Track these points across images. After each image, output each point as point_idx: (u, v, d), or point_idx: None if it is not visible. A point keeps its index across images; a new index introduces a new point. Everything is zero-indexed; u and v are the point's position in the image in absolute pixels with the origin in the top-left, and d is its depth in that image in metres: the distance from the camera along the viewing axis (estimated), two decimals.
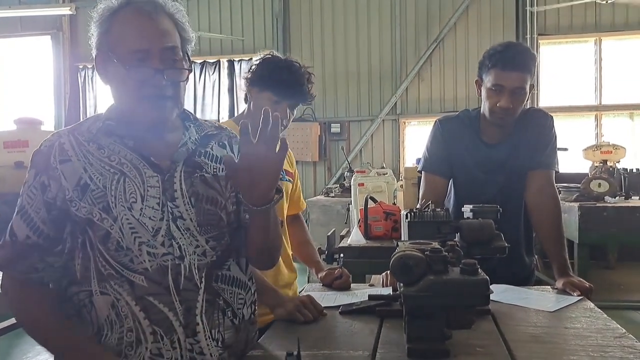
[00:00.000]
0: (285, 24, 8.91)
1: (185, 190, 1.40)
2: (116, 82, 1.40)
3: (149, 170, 1.38)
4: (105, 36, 1.38)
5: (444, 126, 2.46)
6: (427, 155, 2.48)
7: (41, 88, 9.80)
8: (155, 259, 1.34)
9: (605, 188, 5.28)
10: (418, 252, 1.36)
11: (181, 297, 1.35)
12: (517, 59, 2.20)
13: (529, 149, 2.34)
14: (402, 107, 8.72)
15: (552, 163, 2.38)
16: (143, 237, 1.34)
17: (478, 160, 2.39)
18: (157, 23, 1.36)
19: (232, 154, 1.54)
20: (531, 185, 2.35)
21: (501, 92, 2.22)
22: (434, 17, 8.60)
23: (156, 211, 1.36)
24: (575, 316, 1.77)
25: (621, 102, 8.36)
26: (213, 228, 1.43)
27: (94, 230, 1.33)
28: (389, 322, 1.74)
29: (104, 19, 1.38)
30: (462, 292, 1.32)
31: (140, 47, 1.34)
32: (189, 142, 1.46)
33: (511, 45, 2.28)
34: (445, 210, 1.82)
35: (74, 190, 1.34)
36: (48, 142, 1.40)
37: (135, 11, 1.36)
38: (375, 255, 3.27)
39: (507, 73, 2.20)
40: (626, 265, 6.93)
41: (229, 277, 1.46)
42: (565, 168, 6.72)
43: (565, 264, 2.20)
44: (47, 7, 9.13)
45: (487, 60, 2.26)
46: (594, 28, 8.25)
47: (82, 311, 1.36)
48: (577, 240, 5.01)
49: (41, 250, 1.36)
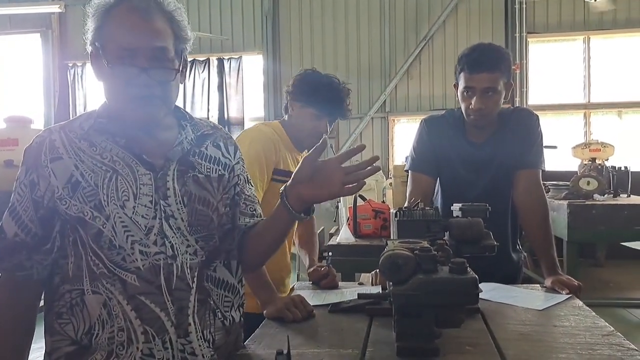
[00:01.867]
0: (275, 22, 8.89)
1: (177, 189, 1.39)
2: (106, 80, 1.38)
3: (141, 168, 1.37)
4: (98, 32, 1.36)
5: (430, 125, 2.47)
6: (414, 154, 2.49)
7: (30, 86, 9.73)
8: (148, 257, 1.33)
9: (594, 186, 5.30)
10: (407, 251, 1.36)
11: (173, 296, 1.34)
12: (484, 60, 2.21)
13: (514, 148, 2.34)
14: (391, 104, 8.73)
15: (538, 162, 2.38)
16: (136, 235, 1.33)
17: (464, 159, 2.40)
18: (148, 22, 1.34)
19: (229, 155, 1.54)
20: (518, 185, 2.35)
21: (472, 94, 2.24)
22: (423, 14, 8.61)
23: (149, 209, 1.35)
24: (564, 314, 1.78)
25: (610, 100, 8.41)
26: (203, 229, 1.42)
27: (86, 229, 1.32)
28: (378, 320, 1.74)
29: (99, 15, 1.36)
30: (451, 291, 1.31)
31: (128, 46, 1.32)
32: (184, 142, 1.44)
33: (479, 46, 2.27)
34: (434, 209, 1.82)
35: (64, 188, 1.33)
36: (39, 138, 1.39)
37: (129, 9, 1.34)
38: (364, 254, 3.28)
39: (475, 75, 2.21)
40: (615, 263, 6.98)
41: (216, 279, 1.45)
42: (554, 166, 6.83)
43: (554, 263, 2.21)
44: (36, 4, 9.05)
45: (458, 63, 2.29)
46: (583, 26, 8.29)
47: (74, 309, 1.35)
48: (566, 238, 5.04)
49: (29, 249, 1.36)
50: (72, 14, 9.29)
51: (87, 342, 1.34)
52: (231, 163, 1.54)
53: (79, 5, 9.24)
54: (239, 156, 1.59)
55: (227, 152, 1.55)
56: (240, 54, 9.04)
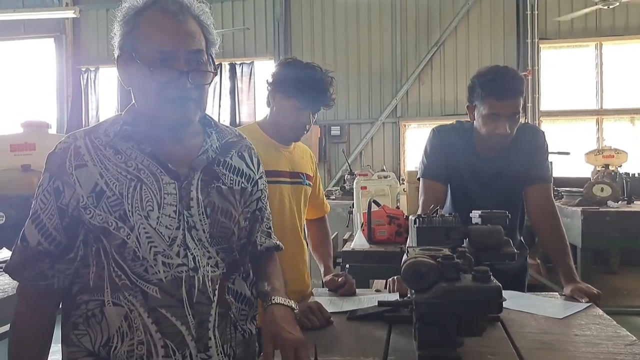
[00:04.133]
0: (287, 27, 8.91)
1: (201, 199, 1.36)
2: (138, 84, 1.35)
3: (165, 177, 1.34)
4: (129, 36, 1.33)
5: (441, 135, 2.50)
6: (426, 162, 2.51)
7: (44, 90, 9.80)
8: (170, 269, 1.30)
9: (607, 193, 5.27)
10: (430, 259, 1.36)
11: (194, 310, 1.31)
12: (511, 87, 2.25)
13: (521, 164, 2.39)
14: (403, 110, 8.73)
15: (547, 177, 2.45)
16: (159, 246, 1.30)
17: (472, 171, 2.43)
18: (183, 25, 1.32)
19: (253, 168, 1.53)
20: (530, 200, 2.42)
21: (498, 119, 2.26)
22: (434, 20, 8.61)
23: (173, 219, 1.32)
24: (584, 323, 1.77)
25: (622, 106, 8.37)
26: (224, 240, 1.39)
27: (110, 239, 1.29)
28: (397, 328, 1.73)
29: (129, 18, 1.33)
30: (475, 300, 1.31)
31: (166, 49, 1.30)
32: (210, 150, 1.42)
33: (501, 72, 2.28)
34: (454, 216, 1.81)
35: (89, 197, 1.30)
36: (63, 144, 1.35)
37: (162, 11, 1.31)
38: (379, 260, 3.27)
39: (502, 102, 2.24)
40: (629, 270, 6.91)
41: (235, 292, 1.43)
42: (567, 172, 6.77)
43: (571, 271, 2.21)
44: (51, 10, 9.11)
45: (480, 88, 2.29)
46: (595, 32, 8.26)
47: (90, 321, 1.32)
48: (580, 245, 5.00)
49: (52, 258, 1.33)
50: (86, 19, 9.38)
51: (105, 354, 1.31)
52: (255, 176, 1.52)
53: (93, 10, 9.33)
54: (262, 170, 1.57)
55: (251, 164, 1.53)
56: (252, 59, 9.07)
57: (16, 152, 4.14)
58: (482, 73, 2.32)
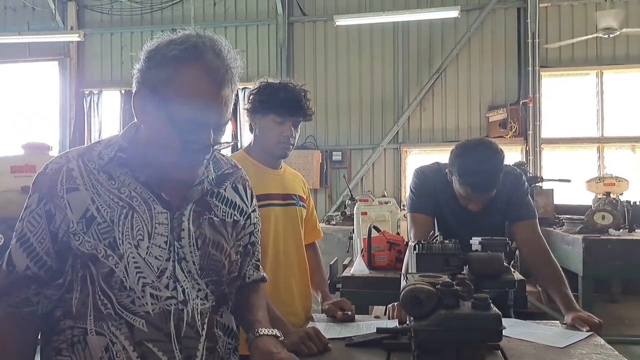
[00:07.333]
0: (289, 53, 8.99)
1: (192, 231, 1.34)
2: (157, 129, 1.29)
3: (158, 206, 1.31)
4: (162, 85, 1.26)
5: (424, 175, 2.64)
6: (414, 197, 2.63)
7: (47, 112, 9.87)
8: (159, 302, 1.27)
9: (609, 220, 5.24)
10: (429, 286, 1.35)
11: (181, 344, 1.28)
12: (487, 183, 2.35)
13: (503, 206, 2.51)
14: (404, 136, 8.76)
15: (532, 213, 2.57)
16: (148, 277, 1.27)
17: (452, 211, 2.55)
18: (220, 90, 1.28)
19: (247, 201, 1.51)
20: (518, 237, 2.55)
21: (472, 201, 2.42)
22: (436, 47, 8.68)
23: (163, 250, 1.29)
24: (586, 352, 1.75)
25: (623, 134, 8.38)
26: (214, 273, 1.37)
27: (97, 267, 1.25)
28: (396, 355, 1.71)
29: (165, 62, 1.26)
30: (474, 327, 1.30)
31: (201, 120, 1.27)
32: (205, 181, 1.40)
33: (480, 167, 2.32)
34: (453, 242, 1.81)
35: (79, 222, 1.26)
36: (55, 164, 1.31)
37: (204, 72, 1.26)
38: (378, 286, 3.24)
39: (477, 194, 2.38)
40: (631, 299, 6.85)
41: (223, 325, 1.41)
42: (568, 200, 6.75)
43: (569, 299, 2.21)
44: (56, 33, 9.21)
45: (458, 174, 2.37)
46: (596, 61, 8.32)
47: (75, 347, 1.28)
48: (581, 273, 4.96)
49: (40, 283, 1.28)
50: (90, 43, 9.49)
51: None
52: (248, 210, 1.51)
53: (97, 34, 9.43)
54: (255, 203, 1.56)
55: (245, 197, 1.51)
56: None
57: (16, 174, 4.15)
58: (462, 155, 2.38)
